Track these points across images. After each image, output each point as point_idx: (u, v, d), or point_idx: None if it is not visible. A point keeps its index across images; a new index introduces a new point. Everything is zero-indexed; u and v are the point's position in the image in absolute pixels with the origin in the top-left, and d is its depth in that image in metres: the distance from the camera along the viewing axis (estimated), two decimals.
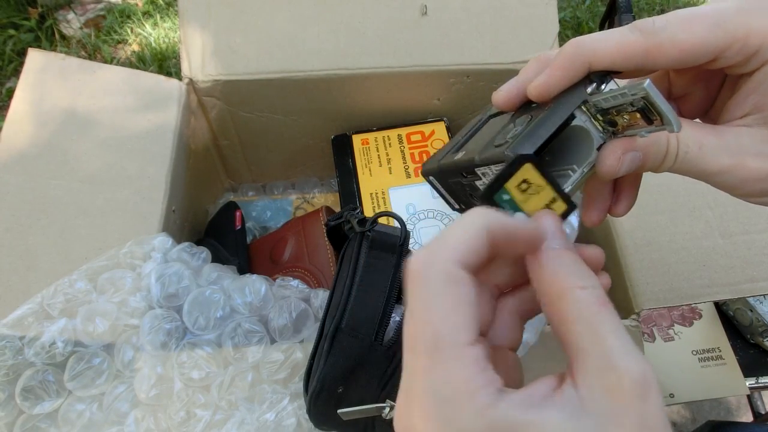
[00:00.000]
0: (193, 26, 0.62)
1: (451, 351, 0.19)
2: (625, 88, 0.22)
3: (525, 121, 0.26)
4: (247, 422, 0.44)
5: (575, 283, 0.20)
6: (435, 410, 0.18)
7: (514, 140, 0.24)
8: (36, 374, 0.44)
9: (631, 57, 0.24)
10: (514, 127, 0.26)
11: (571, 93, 0.25)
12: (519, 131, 0.25)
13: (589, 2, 1.93)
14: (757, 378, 0.71)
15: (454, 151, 0.31)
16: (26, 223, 0.50)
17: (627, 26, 0.24)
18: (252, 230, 0.75)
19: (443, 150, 0.34)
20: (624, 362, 0.18)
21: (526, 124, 0.25)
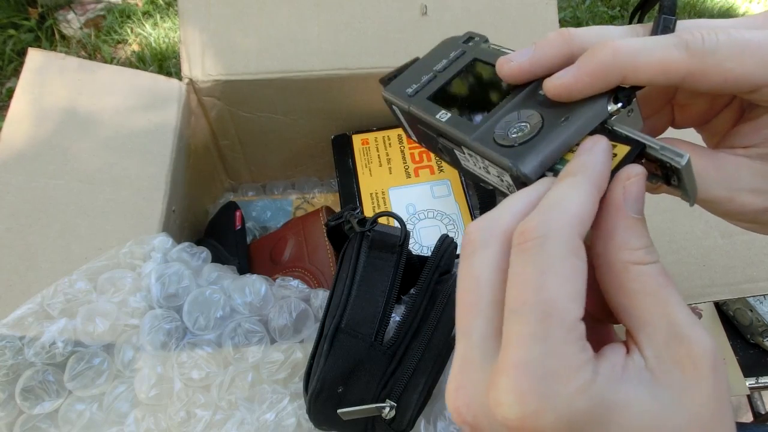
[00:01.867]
0: (193, 26, 0.62)
1: (563, 323, 0.18)
2: (658, 146, 0.21)
3: (534, 121, 0.23)
4: (247, 422, 0.44)
5: (643, 258, 0.19)
6: (534, 383, 0.17)
7: (519, 146, 0.22)
8: (36, 374, 0.44)
9: (672, 78, 0.21)
10: (518, 119, 0.24)
11: (590, 105, 0.22)
12: (525, 133, 0.23)
13: (589, 2, 1.93)
14: (757, 378, 0.71)
15: (428, 98, 0.28)
16: (26, 223, 0.50)
17: (672, 39, 0.22)
18: (252, 230, 0.75)
19: (410, 77, 0.30)
20: (695, 334, 0.18)
21: (535, 130, 0.22)
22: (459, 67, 0.29)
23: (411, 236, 0.55)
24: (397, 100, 0.30)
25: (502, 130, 0.23)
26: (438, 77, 0.29)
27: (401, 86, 0.30)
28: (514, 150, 0.22)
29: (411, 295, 0.43)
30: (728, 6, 2.05)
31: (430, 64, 0.31)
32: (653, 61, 0.21)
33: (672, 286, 0.19)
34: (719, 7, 2.03)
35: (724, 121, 0.26)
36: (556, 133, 0.22)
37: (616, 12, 1.94)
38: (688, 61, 0.21)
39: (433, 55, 0.31)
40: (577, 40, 0.23)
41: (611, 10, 1.94)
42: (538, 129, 0.22)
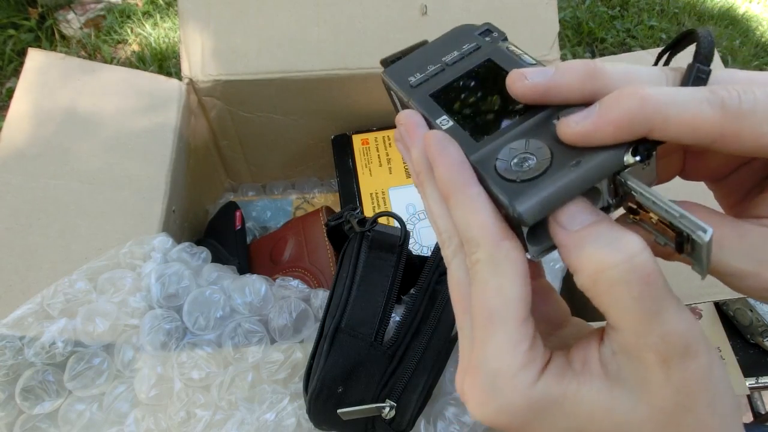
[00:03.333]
0: (193, 26, 0.62)
1: (505, 326, 0.19)
2: (678, 213, 0.19)
3: (542, 156, 0.21)
4: (247, 422, 0.44)
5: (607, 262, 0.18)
6: (482, 382, 0.19)
7: (521, 183, 0.20)
8: (36, 374, 0.44)
9: (702, 138, 0.19)
10: (525, 148, 0.21)
11: (605, 152, 0.20)
12: (531, 169, 0.20)
13: (589, 2, 1.93)
14: (757, 378, 0.71)
15: (432, 95, 0.26)
16: (26, 223, 0.50)
17: (707, 95, 0.19)
18: (252, 230, 0.75)
19: (416, 62, 0.28)
20: (665, 329, 0.18)
21: (541, 168, 0.20)
22: (470, 65, 0.26)
23: (411, 236, 0.55)
24: (397, 88, 0.27)
25: (506, 160, 0.21)
26: (446, 71, 0.26)
27: (404, 72, 0.28)
28: (515, 186, 0.20)
29: (411, 295, 0.43)
30: (728, 6, 2.05)
31: (439, 52, 0.28)
32: (685, 117, 0.19)
33: (653, 288, 0.18)
34: (719, 7, 2.03)
35: (743, 180, 0.24)
36: (564, 176, 0.20)
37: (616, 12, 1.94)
38: (721, 122, 0.19)
39: (444, 43, 0.28)
40: (602, 77, 0.21)
41: (611, 10, 1.94)
42: (545, 168, 0.20)
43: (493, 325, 0.19)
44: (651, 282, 0.18)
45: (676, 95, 0.19)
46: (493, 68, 0.26)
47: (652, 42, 1.86)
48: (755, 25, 2.00)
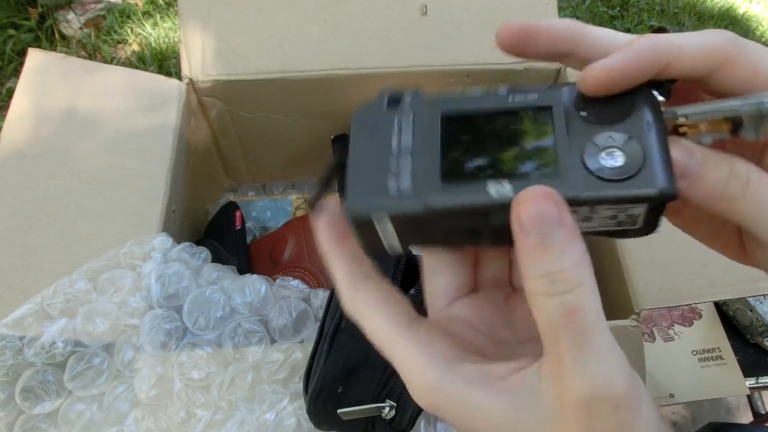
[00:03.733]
0: (193, 26, 0.62)
1: (394, 338, 0.22)
2: (732, 105, 0.19)
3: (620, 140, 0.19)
4: (247, 422, 0.44)
5: (536, 286, 0.18)
6: (407, 386, 0.22)
7: (639, 171, 0.18)
8: (36, 374, 0.44)
9: (713, 63, 0.20)
10: (599, 148, 0.19)
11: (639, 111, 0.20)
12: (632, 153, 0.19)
13: (589, 2, 1.93)
14: (757, 378, 0.71)
15: (443, 180, 0.20)
16: (26, 223, 0.50)
17: (709, 31, 0.21)
18: (252, 230, 0.75)
19: (365, 175, 0.21)
20: (576, 372, 0.17)
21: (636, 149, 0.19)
22: (435, 131, 0.21)
23: None
24: (391, 207, 0.20)
25: (597, 165, 0.19)
26: (417, 153, 0.21)
27: (367, 191, 0.21)
28: (638, 176, 0.19)
29: (411, 295, 0.43)
30: (728, 6, 2.05)
31: (376, 148, 0.22)
32: (698, 45, 0.20)
33: (579, 326, 0.18)
34: (719, 7, 2.03)
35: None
36: (649, 141, 0.19)
37: (616, 12, 1.94)
38: (726, 47, 0.20)
39: (364, 138, 0.23)
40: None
41: (611, 10, 1.94)
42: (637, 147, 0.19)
43: (391, 346, 0.22)
44: (578, 319, 0.18)
45: (680, 34, 0.21)
46: (460, 118, 0.22)
47: None
48: (755, 25, 2.00)
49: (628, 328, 0.48)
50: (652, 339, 0.74)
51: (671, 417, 1.23)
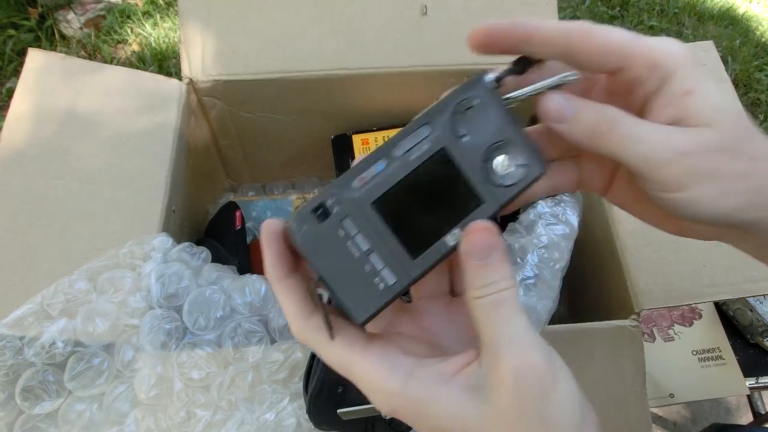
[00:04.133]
0: (193, 26, 0.62)
1: (354, 357, 0.25)
2: (546, 81, 0.25)
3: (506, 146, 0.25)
4: (247, 422, 0.44)
5: (482, 293, 0.24)
6: (367, 389, 0.25)
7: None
8: (36, 374, 0.44)
9: (568, 38, 0.25)
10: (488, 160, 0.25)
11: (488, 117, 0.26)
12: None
13: (589, 2, 1.93)
14: (757, 378, 0.72)
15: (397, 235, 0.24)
16: (26, 223, 0.50)
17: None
18: (252, 230, 0.75)
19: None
20: (503, 351, 0.23)
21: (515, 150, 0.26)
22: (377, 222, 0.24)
23: None
24: (389, 299, 0.24)
25: (500, 180, 0.25)
26: (378, 248, 0.24)
27: (364, 299, 0.24)
28: (526, 171, 0.25)
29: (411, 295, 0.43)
30: (728, 6, 2.05)
31: (343, 262, 0.24)
32: (553, 23, 0.25)
33: (505, 312, 0.23)
34: (719, 7, 2.03)
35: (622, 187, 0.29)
36: (516, 139, 0.26)
37: (616, 12, 1.94)
38: (579, 24, 0.25)
39: (326, 259, 0.24)
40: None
41: (611, 10, 1.94)
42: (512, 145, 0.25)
43: (350, 369, 0.25)
44: (505, 307, 0.23)
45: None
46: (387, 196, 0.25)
47: None
48: (755, 25, 2.00)
49: (628, 328, 0.48)
50: (652, 339, 0.74)
51: (671, 417, 1.23)
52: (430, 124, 0.26)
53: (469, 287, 0.24)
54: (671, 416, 1.23)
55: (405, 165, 0.25)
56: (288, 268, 0.25)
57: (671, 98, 0.25)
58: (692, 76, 0.25)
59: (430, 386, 0.24)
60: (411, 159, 0.25)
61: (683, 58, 0.25)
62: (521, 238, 0.57)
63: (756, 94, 1.78)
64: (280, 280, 0.25)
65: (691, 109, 0.25)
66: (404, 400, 0.24)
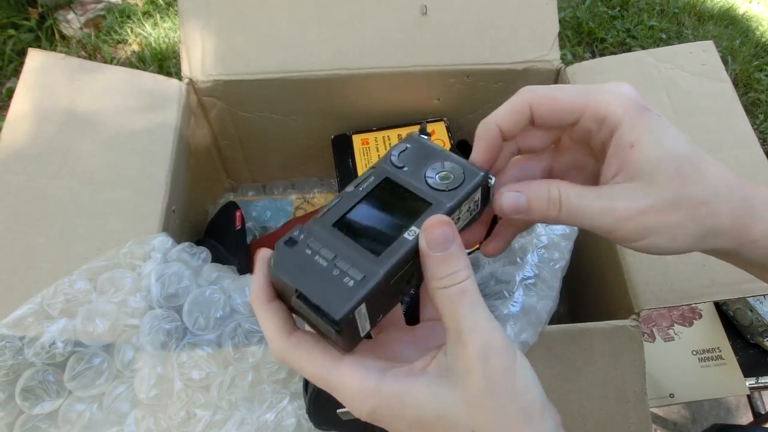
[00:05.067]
0: (193, 26, 0.62)
1: (331, 366, 0.26)
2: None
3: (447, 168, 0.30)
4: (247, 422, 0.44)
5: (444, 283, 0.25)
6: (348, 404, 0.26)
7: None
8: (36, 374, 0.44)
9: (521, 113, 0.30)
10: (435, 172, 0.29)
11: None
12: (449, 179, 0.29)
13: (589, 2, 1.93)
14: (757, 378, 0.72)
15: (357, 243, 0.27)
16: (26, 223, 0.50)
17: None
18: (252, 230, 0.75)
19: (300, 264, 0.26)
20: (470, 335, 0.24)
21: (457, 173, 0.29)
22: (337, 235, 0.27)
23: None
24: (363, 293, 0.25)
25: (443, 187, 0.29)
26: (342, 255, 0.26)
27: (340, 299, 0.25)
28: (466, 177, 0.29)
29: (412, 295, 0.43)
30: (728, 6, 2.05)
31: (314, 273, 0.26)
32: (504, 108, 0.30)
33: (466, 298, 0.25)
34: (719, 7, 2.03)
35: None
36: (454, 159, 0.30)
37: (616, 12, 1.94)
38: (527, 100, 0.30)
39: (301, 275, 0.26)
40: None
41: (611, 10, 1.94)
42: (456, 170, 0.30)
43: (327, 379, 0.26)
44: (468, 295, 0.25)
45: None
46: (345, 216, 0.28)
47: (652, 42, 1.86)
48: (755, 25, 2.00)
49: (628, 328, 0.48)
50: (652, 339, 0.74)
51: (671, 417, 1.23)
52: (374, 168, 0.30)
53: (432, 278, 0.26)
54: (671, 416, 1.23)
55: (356, 194, 0.29)
56: (272, 294, 0.27)
57: (618, 150, 0.28)
58: (636, 128, 0.28)
59: (403, 380, 0.26)
60: (360, 190, 0.29)
61: (627, 109, 0.28)
62: (521, 238, 0.57)
63: (756, 94, 1.78)
64: (263, 303, 0.27)
65: (634, 163, 0.28)
66: (381, 398, 0.25)
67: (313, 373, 0.27)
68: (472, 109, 0.70)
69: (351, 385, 0.26)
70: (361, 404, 0.25)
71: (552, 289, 0.52)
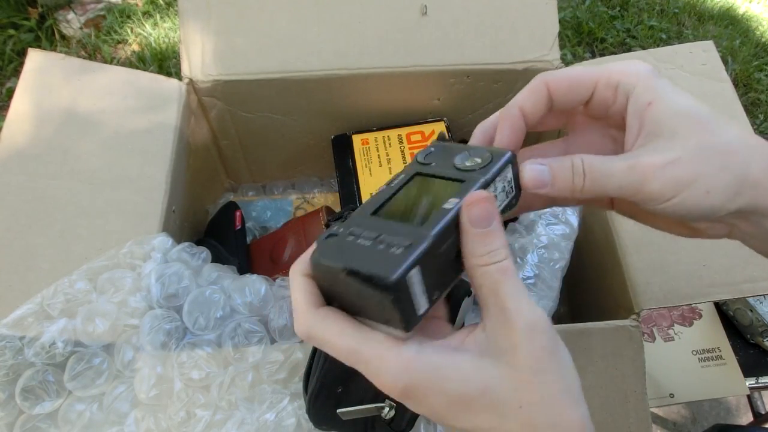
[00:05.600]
0: (193, 26, 0.62)
1: (363, 339, 0.25)
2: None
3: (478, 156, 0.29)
4: (247, 422, 0.44)
5: (485, 261, 0.25)
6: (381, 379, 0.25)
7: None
8: (36, 374, 0.44)
9: (540, 95, 0.30)
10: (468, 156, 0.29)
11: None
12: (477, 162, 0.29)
13: (589, 2, 1.93)
14: (757, 378, 0.72)
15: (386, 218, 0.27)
16: (26, 223, 0.50)
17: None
18: (252, 230, 0.75)
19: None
20: (514, 311, 0.24)
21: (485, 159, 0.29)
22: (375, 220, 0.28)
23: None
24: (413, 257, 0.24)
25: (462, 164, 0.29)
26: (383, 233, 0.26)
27: (392, 266, 0.24)
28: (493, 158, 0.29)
29: None
30: (728, 6, 2.05)
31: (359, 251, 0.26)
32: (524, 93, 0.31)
33: (508, 278, 0.25)
34: (719, 7, 2.03)
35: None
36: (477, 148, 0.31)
37: (616, 12, 1.94)
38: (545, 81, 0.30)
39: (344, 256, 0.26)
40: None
41: (611, 10, 1.94)
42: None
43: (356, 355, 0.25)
44: (509, 274, 0.25)
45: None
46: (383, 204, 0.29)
47: (652, 42, 1.86)
48: (755, 25, 2.00)
49: (628, 328, 0.48)
50: (652, 339, 0.74)
51: (671, 417, 1.23)
52: (403, 171, 0.31)
53: (472, 255, 0.25)
54: (671, 416, 1.23)
55: (390, 189, 0.29)
56: (307, 269, 0.27)
57: (636, 112, 0.28)
58: (651, 88, 0.27)
59: (444, 354, 0.25)
60: (393, 185, 0.30)
61: (640, 73, 0.28)
62: (521, 238, 0.57)
63: (756, 94, 1.78)
64: (301, 274, 0.27)
65: (654, 119, 0.27)
66: (419, 372, 0.24)
67: (342, 346, 0.25)
68: (472, 109, 0.70)
69: (387, 357, 0.24)
70: (396, 378, 0.24)
71: (552, 289, 0.52)
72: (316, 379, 0.40)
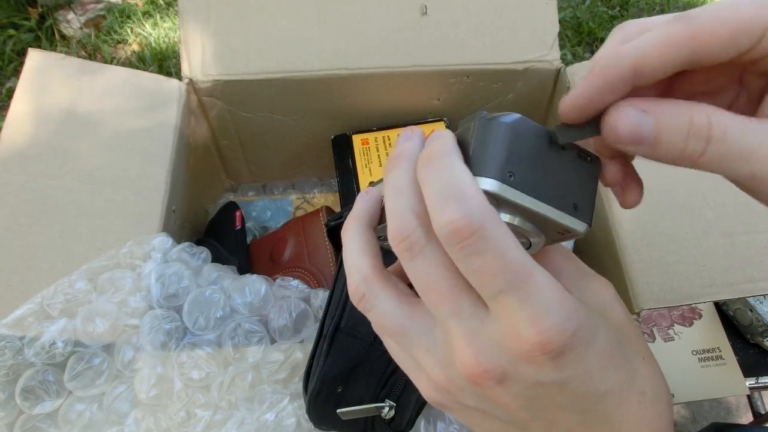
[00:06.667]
0: (193, 26, 0.62)
1: (537, 270, 0.21)
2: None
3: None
4: (247, 422, 0.44)
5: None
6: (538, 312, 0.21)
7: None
8: (36, 374, 0.44)
9: (679, 49, 0.19)
10: None
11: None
12: None
13: (589, 2, 1.93)
14: (757, 378, 0.71)
15: None
16: (26, 223, 0.50)
17: (664, 19, 0.20)
18: (252, 230, 0.75)
19: None
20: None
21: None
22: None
23: None
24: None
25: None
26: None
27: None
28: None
29: None
30: None
31: None
32: (658, 39, 0.19)
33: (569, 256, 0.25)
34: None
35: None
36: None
37: (616, 12, 1.94)
38: (687, 27, 0.19)
39: None
40: None
41: (611, 10, 1.94)
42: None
43: (528, 276, 0.20)
44: None
45: (644, 36, 0.20)
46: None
47: None
48: None
49: None
50: (652, 339, 0.74)
51: None
52: None
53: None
54: None
55: None
56: (375, 223, 0.26)
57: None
58: None
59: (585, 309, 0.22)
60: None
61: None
62: None
63: None
64: (366, 229, 0.25)
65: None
66: (585, 318, 0.20)
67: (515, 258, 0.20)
68: (472, 109, 0.70)
69: (549, 298, 0.20)
70: (565, 321, 0.20)
71: None
72: (316, 378, 0.40)
